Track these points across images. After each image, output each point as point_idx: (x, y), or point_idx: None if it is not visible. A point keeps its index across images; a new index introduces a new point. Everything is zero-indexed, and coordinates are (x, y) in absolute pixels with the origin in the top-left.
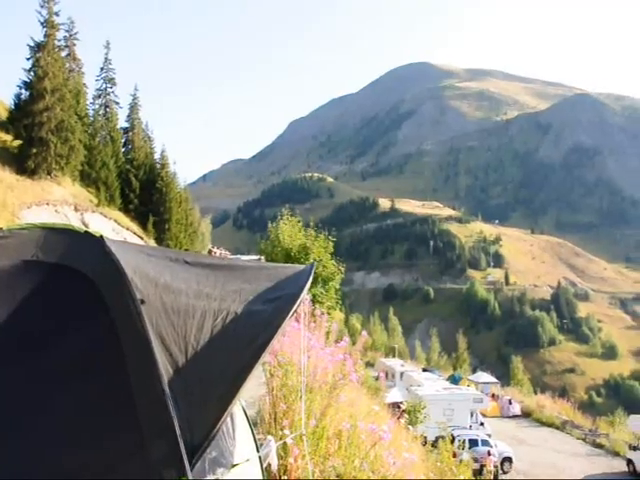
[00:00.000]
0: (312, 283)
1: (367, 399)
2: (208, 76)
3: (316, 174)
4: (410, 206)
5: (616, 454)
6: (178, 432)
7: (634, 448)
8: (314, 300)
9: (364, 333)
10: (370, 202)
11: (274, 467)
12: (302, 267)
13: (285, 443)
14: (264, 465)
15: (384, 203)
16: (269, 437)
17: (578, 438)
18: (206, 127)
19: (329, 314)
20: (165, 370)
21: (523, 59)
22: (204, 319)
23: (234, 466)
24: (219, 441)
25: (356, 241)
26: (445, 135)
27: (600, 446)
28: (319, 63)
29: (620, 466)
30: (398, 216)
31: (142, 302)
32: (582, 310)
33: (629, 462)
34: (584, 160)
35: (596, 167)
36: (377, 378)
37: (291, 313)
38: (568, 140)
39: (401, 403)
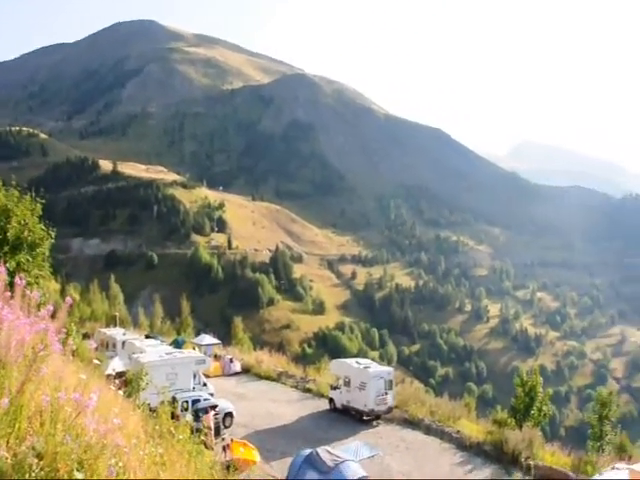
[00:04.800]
0: (16, 249)
1: (79, 370)
2: None
3: (26, 129)
4: (133, 169)
5: (321, 395)
6: None
7: (334, 388)
8: (18, 268)
9: (68, 299)
10: (89, 163)
11: None
12: None
13: None
14: None
15: (105, 165)
16: None
17: (291, 386)
18: None
19: (37, 284)
20: None
21: (249, 33)
22: None
23: None
24: None
25: (73, 205)
26: (171, 99)
27: (309, 390)
28: (31, 6)
29: (325, 405)
30: (120, 179)
31: None
32: (297, 271)
33: (331, 400)
34: (300, 134)
35: (310, 142)
36: (97, 349)
37: None
38: (287, 115)
39: (113, 371)
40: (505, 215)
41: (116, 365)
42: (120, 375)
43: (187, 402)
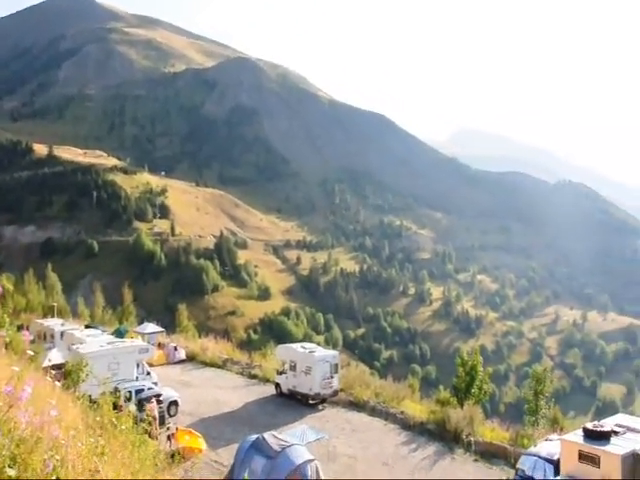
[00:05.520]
0: None
1: (13, 363)
2: None
3: None
4: (71, 154)
5: (267, 381)
6: None
7: (280, 373)
8: None
9: None
10: (23, 147)
11: None
12: None
13: None
14: None
15: (40, 149)
16: None
17: (237, 373)
18: None
19: None
20: None
21: (191, 15)
22: None
23: None
24: None
25: (5, 190)
26: (111, 81)
27: (255, 376)
28: None
29: (271, 390)
30: (57, 164)
31: None
32: (241, 257)
33: (277, 385)
34: (244, 119)
35: (254, 126)
36: (33, 340)
37: None
38: (231, 99)
39: (49, 361)
40: (446, 200)
41: (54, 356)
42: (58, 367)
43: (130, 392)
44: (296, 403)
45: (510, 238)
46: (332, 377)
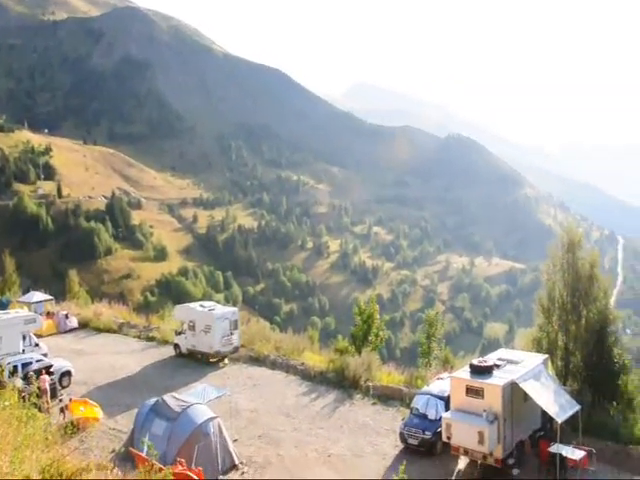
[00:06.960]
0: None
1: None
2: None
3: None
4: None
5: (166, 342)
6: None
7: (179, 333)
8: None
9: None
10: None
11: None
12: None
13: None
14: None
15: None
16: None
17: (134, 337)
18: None
19: None
20: None
21: None
22: None
23: None
24: None
25: None
26: None
27: (153, 339)
28: None
29: (170, 352)
30: None
31: None
32: (136, 218)
33: (176, 346)
34: (135, 72)
35: (146, 80)
36: None
37: None
38: (120, 50)
39: None
40: (343, 154)
41: None
42: None
43: (15, 366)
44: (196, 363)
45: (404, 191)
46: (232, 334)
